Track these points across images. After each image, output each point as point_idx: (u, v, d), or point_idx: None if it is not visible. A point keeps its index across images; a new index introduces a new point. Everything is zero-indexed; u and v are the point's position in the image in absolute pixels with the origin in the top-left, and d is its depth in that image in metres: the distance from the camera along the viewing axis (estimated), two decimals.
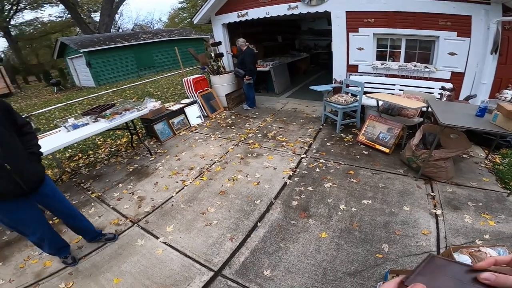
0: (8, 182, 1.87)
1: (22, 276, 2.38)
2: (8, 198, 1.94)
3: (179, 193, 3.29)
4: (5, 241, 2.84)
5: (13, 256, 2.63)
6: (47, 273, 2.37)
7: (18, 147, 1.97)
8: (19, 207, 2.03)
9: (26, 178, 1.97)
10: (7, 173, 1.85)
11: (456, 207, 2.65)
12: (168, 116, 5.02)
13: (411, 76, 4.53)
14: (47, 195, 2.20)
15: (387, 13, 4.33)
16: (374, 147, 3.80)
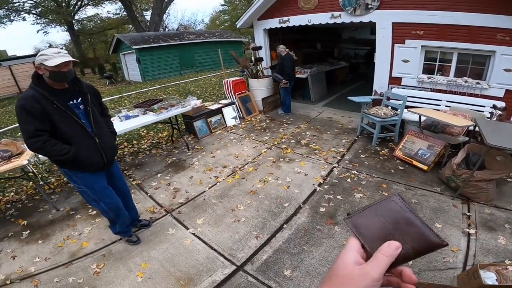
0: (97, 155, 2.18)
1: (58, 255, 2.58)
2: (94, 171, 2.23)
3: (212, 189, 3.47)
4: (49, 220, 3.13)
5: (54, 235, 2.87)
6: (82, 254, 2.56)
7: (104, 126, 2.30)
8: (100, 179, 2.32)
9: (108, 153, 2.27)
10: (97, 147, 2.17)
11: (492, 228, 2.53)
12: (207, 114, 5.29)
13: (460, 92, 4.28)
14: (113, 172, 2.49)
15: (439, 25, 4.15)
16: (411, 163, 3.66)
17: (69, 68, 1.95)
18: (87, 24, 28.07)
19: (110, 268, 2.36)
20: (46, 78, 1.94)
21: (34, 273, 2.38)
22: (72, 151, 2.02)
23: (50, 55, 1.86)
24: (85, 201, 3.37)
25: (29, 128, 1.89)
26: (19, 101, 1.89)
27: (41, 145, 1.93)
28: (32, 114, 1.87)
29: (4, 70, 14.89)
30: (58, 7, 23.24)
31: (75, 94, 2.10)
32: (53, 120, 1.95)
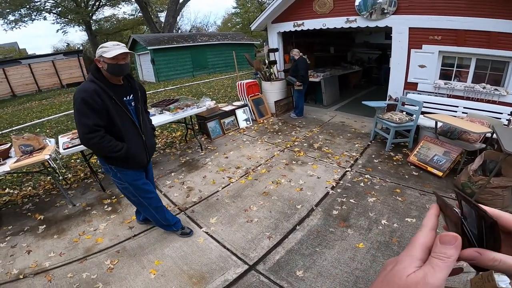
0: (143, 153, 2.24)
1: (73, 250, 2.61)
2: (139, 168, 2.29)
3: (225, 189, 3.51)
4: (65, 215, 3.19)
5: (70, 230, 2.92)
6: (97, 249, 2.59)
7: (148, 124, 2.35)
8: (142, 177, 2.36)
9: (150, 151, 2.33)
10: (144, 145, 2.22)
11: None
12: (221, 115, 5.35)
13: (477, 99, 4.20)
14: (149, 168, 2.54)
15: (457, 31, 4.09)
16: (425, 169, 3.62)
17: (126, 62, 1.98)
18: (104, 24, 28.81)
19: (123, 265, 2.40)
20: (104, 72, 1.96)
21: (48, 268, 2.42)
22: (124, 148, 2.04)
23: (109, 47, 1.90)
24: (101, 198, 3.49)
25: (88, 123, 1.87)
26: (79, 94, 1.86)
27: (98, 141, 1.91)
28: (93, 108, 1.86)
29: (24, 68, 15.43)
30: (77, 7, 23.95)
31: (128, 91, 2.13)
32: (111, 116, 1.95)
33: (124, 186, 2.32)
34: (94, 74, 1.95)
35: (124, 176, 2.24)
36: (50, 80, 16.44)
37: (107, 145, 1.96)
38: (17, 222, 3.14)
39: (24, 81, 15.50)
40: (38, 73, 15.82)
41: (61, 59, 16.94)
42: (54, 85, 16.60)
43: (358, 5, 4.92)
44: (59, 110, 9.57)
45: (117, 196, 3.50)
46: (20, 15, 22.56)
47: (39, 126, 7.25)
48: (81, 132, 1.92)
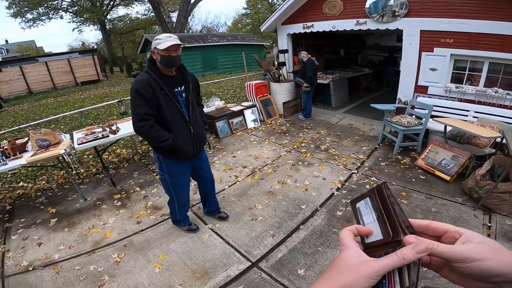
0: (190, 145, 2.29)
1: (82, 243, 2.68)
2: (184, 159, 2.34)
3: (231, 187, 3.57)
4: (77, 209, 3.30)
5: (80, 223, 3.02)
6: (105, 243, 2.67)
7: (198, 116, 2.40)
8: (183, 170, 2.44)
9: (198, 143, 2.37)
10: (191, 137, 2.27)
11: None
12: (229, 115, 5.43)
13: (489, 103, 4.13)
14: (203, 161, 2.60)
15: (470, 34, 4.03)
16: (433, 173, 3.58)
17: (178, 54, 2.05)
18: (117, 23, 29.45)
19: (130, 258, 2.47)
20: (158, 63, 2.05)
21: (57, 260, 2.49)
22: (171, 139, 2.12)
23: (163, 39, 1.98)
24: (111, 193, 3.60)
25: (139, 112, 1.99)
26: (135, 84, 1.99)
27: (147, 129, 2.02)
28: (145, 97, 1.97)
29: (40, 65, 15.91)
30: (93, 6, 24.60)
31: (180, 82, 2.20)
32: (160, 106, 2.05)
33: (164, 178, 2.43)
34: (149, 65, 2.07)
35: (167, 167, 2.34)
36: (65, 78, 16.90)
37: (155, 134, 2.05)
38: (30, 215, 3.26)
39: (40, 78, 15.98)
40: (54, 71, 16.28)
41: (76, 58, 17.39)
42: (69, 83, 17.05)
43: (369, 7, 4.90)
44: (74, 107, 9.85)
45: (127, 192, 3.60)
46: (38, 14, 23.35)
47: (54, 122, 7.48)
48: (134, 121, 2.05)
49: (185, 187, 2.53)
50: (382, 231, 0.40)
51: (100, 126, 3.77)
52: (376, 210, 0.42)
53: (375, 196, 0.43)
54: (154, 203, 3.31)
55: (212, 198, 2.86)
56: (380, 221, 0.41)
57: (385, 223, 0.40)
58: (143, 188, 3.68)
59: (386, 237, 0.39)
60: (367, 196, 0.45)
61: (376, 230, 0.41)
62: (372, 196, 0.44)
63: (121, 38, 31.43)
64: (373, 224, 0.42)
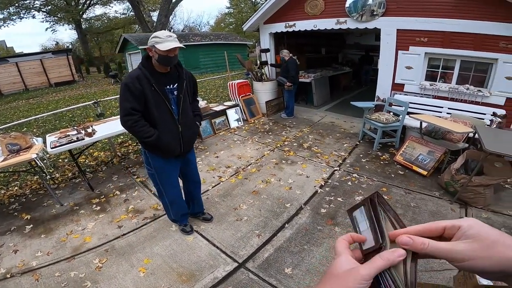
0: (176, 143, 2.24)
1: (61, 250, 2.59)
2: (170, 157, 2.31)
3: (215, 188, 3.52)
4: (53, 215, 3.16)
5: (57, 229, 2.90)
6: (85, 248, 2.59)
7: (190, 115, 2.35)
8: (171, 167, 2.39)
9: (186, 142, 2.33)
10: (178, 135, 2.23)
11: None
12: (211, 115, 5.36)
13: (461, 100, 4.34)
14: (191, 161, 2.56)
15: (444, 33, 4.21)
16: (411, 168, 3.71)
17: (175, 54, 2.03)
18: (94, 23, 28.40)
19: (112, 263, 2.40)
20: (154, 60, 2.03)
21: (35, 267, 2.40)
22: (155, 135, 2.09)
23: (163, 39, 1.94)
24: (89, 197, 3.46)
25: (126, 106, 1.99)
26: (125, 79, 2.01)
27: (132, 124, 2.03)
28: (132, 92, 1.97)
29: (11, 66, 15.07)
30: (68, 5, 23.55)
31: (174, 79, 2.16)
32: (147, 102, 2.04)
33: (151, 173, 2.41)
34: (143, 61, 2.07)
35: (153, 162, 2.32)
36: (38, 79, 16.11)
37: (139, 129, 2.06)
38: (4, 222, 3.09)
39: (11, 79, 15.15)
40: (25, 71, 15.48)
41: (50, 58, 16.61)
42: (42, 84, 16.27)
43: (349, 6, 5.00)
44: (47, 109, 9.40)
45: (106, 196, 3.48)
46: (8, 14, 22.06)
47: (26, 125, 7.11)
48: (120, 114, 2.06)
49: (174, 185, 2.49)
50: (374, 239, 0.42)
51: (75, 128, 3.60)
52: (368, 218, 0.44)
53: (368, 204, 0.45)
54: (135, 207, 3.21)
55: (197, 199, 2.82)
56: (371, 228, 0.43)
57: (375, 230, 0.42)
58: (123, 192, 3.56)
59: (375, 244, 0.41)
60: (361, 205, 0.46)
61: (369, 237, 0.43)
62: (365, 205, 0.46)
63: (98, 37, 30.35)
64: (367, 232, 0.44)
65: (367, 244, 0.43)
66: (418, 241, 0.37)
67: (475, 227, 0.36)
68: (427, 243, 0.36)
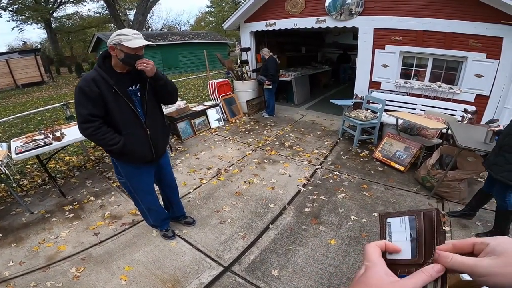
0: (146, 148, 2.08)
1: (34, 259, 2.46)
2: (140, 163, 2.14)
3: (196, 190, 3.43)
4: (22, 223, 2.98)
5: (28, 238, 2.74)
6: (60, 257, 2.46)
7: (159, 117, 2.17)
8: (143, 174, 2.23)
9: (158, 146, 2.16)
10: (147, 139, 2.06)
11: (465, 226, 2.70)
12: (191, 116, 5.23)
13: (434, 97, 4.52)
14: (164, 166, 2.40)
15: (416, 31, 4.36)
16: (389, 164, 3.82)
17: (142, 53, 1.88)
18: (65, 22, 26.98)
19: (91, 272, 2.30)
20: (115, 60, 1.86)
21: (8, 277, 2.27)
22: (121, 142, 1.92)
23: (130, 36, 1.78)
24: (61, 204, 3.26)
25: (82, 112, 1.81)
26: (79, 83, 1.82)
27: (92, 132, 1.85)
28: (89, 97, 1.79)
29: None
30: (37, 4, 22.19)
31: (135, 80, 1.98)
32: (108, 106, 1.86)
33: (123, 181, 2.30)
34: (99, 61, 1.88)
35: (123, 170, 2.18)
36: (3, 80, 15.07)
37: (102, 137, 1.88)
38: None
39: None
40: None
41: (16, 58, 15.57)
42: (8, 85, 15.24)
43: (328, 5, 5.06)
44: (13, 112, 8.79)
45: (80, 202, 3.30)
46: None
47: None
48: (78, 121, 1.88)
49: (149, 192, 2.35)
50: (414, 252, 0.41)
51: (42, 132, 3.37)
52: (416, 231, 0.43)
53: (421, 217, 0.43)
54: (112, 213, 3.06)
55: (176, 203, 2.71)
56: (415, 242, 0.42)
57: (421, 245, 0.41)
58: (98, 197, 3.38)
59: (418, 259, 0.41)
60: (407, 215, 0.45)
61: (406, 249, 0.42)
62: (416, 217, 0.44)
63: (69, 37, 28.87)
64: (403, 243, 0.43)
65: (398, 255, 0.42)
66: (443, 254, 0.38)
67: (503, 245, 0.36)
68: (450, 257, 0.37)
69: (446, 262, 0.37)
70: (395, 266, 0.41)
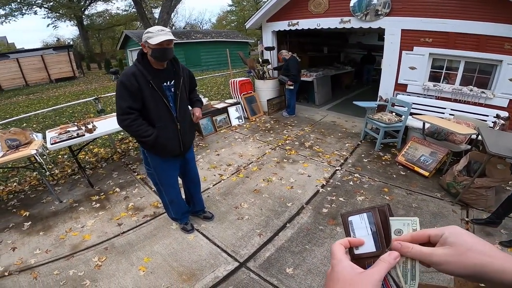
0: (175, 141, 2.20)
1: (60, 247, 2.57)
2: (169, 156, 2.27)
3: (216, 186, 3.50)
4: (52, 212, 3.14)
5: (56, 227, 2.87)
6: (84, 246, 2.56)
7: (188, 112, 2.30)
8: (170, 167, 2.36)
9: (186, 140, 2.28)
10: (177, 133, 2.19)
11: (489, 234, 2.59)
12: (213, 113, 5.33)
13: (464, 101, 4.31)
14: (189, 160, 2.51)
15: (448, 33, 4.18)
16: (413, 169, 3.69)
17: (170, 47, 1.98)
18: (96, 19, 28.29)
19: (112, 262, 2.37)
20: (149, 56, 1.99)
21: (33, 265, 2.37)
22: (154, 135, 2.05)
23: (154, 33, 1.90)
24: (89, 194, 3.43)
25: (122, 105, 1.95)
26: (120, 77, 1.96)
27: (129, 123, 1.98)
28: (129, 90, 1.92)
29: (11, 62, 15.04)
30: (70, 1, 23.49)
31: (170, 76, 2.11)
32: (145, 100, 1.99)
33: (150, 172, 2.39)
34: (138, 58, 2.02)
35: (152, 162, 2.29)
36: (38, 74, 16.08)
37: (137, 128, 2.01)
38: (2, 219, 3.06)
39: (11, 75, 15.13)
40: (26, 67, 15.45)
41: (51, 54, 16.56)
42: (43, 79, 16.24)
43: (353, 6, 4.96)
44: (47, 105, 9.36)
45: (106, 193, 3.45)
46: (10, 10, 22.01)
47: (26, 121, 7.07)
48: (117, 113, 2.01)
49: (173, 185, 2.45)
50: (377, 245, 0.45)
51: (75, 124, 3.57)
52: (375, 225, 0.47)
53: (376, 213, 0.48)
54: (135, 204, 3.19)
55: (197, 197, 2.79)
56: (376, 235, 0.46)
57: (382, 238, 0.45)
58: (123, 189, 3.54)
59: (381, 250, 0.45)
60: (364, 212, 0.49)
61: (369, 242, 0.46)
62: (372, 212, 0.48)
63: (99, 34, 30.22)
64: (366, 237, 0.47)
65: (363, 249, 0.46)
66: (404, 245, 0.43)
67: (454, 235, 0.40)
68: (410, 247, 0.42)
69: (407, 251, 0.42)
70: (363, 260, 0.45)
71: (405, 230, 0.46)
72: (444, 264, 0.39)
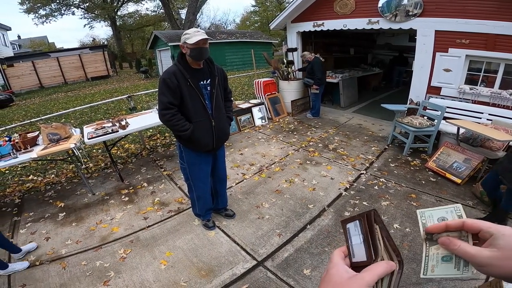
0: (209, 137, 2.34)
1: (90, 239, 2.69)
2: (202, 151, 2.41)
3: (238, 185, 3.56)
4: (85, 203, 3.32)
5: (88, 218, 3.02)
6: (112, 238, 2.67)
7: (223, 110, 2.45)
8: (202, 162, 2.49)
9: (219, 137, 2.42)
10: (211, 130, 2.33)
11: None
12: (237, 113, 5.42)
13: (504, 106, 4.02)
14: (219, 157, 2.64)
15: (487, 35, 3.91)
16: (444, 175, 3.51)
17: (206, 46, 2.14)
18: (127, 20, 29.74)
19: (136, 254, 2.47)
20: (187, 56, 2.15)
21: (64, 255, 2.50)
22: (190, 129, 2.20)
23: (191, 34, 2.07)
24: (119, 188, 3.62)
25: (164, 100, 2.12)
26: (163, 75, 2.14)
27: (169, 118, 2.15)
28: (169, 87, 2.09)
29: (52, 61, 16.20)
30: (104, 2, 24.94)
31: (206, 75, 2.26)
32: (183, 97, 2.16)
33: (183, 167, 2.52)
34: (178, 58, 2.19)
35: (187, 156, 2.43)
36: (76, 73, 17.18)
37: (176, 123, 2.17)
38: (39, 209, 3.28)
39: (52, 73, 16.28)
40: (65, 66, 16.56)
41: (87, 53, 17.65)
42: (80, 78, 17.32)
43: (382, 6, 4.81)
44: (84, 102, 9.99)
45: (134, 187, 3.63)
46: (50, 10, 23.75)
47: (64, 117, 7.59)
48: (158, 108, 2.20)
49: (203, 181, 2.54)
50: (366, 254, 0.45)
51: (110, 121, 3.80)
52: (363, 233, 0.46)
53: (364, 220, 0.47)
54: (161, 199, 3.32)
55: (222, 195, 2.85)
56: (365, 244, 0.45)
57: (369, 247, 0.45)
58: (150, 184, 3.70)
59: (368, 260, 0.44)
60: (357, 219, 0.48)
61: (361, 252, 0.46)
62: (361, 220, 0.47)
63: (130, 34, 31.71)
64: (359, 246, 0.46)
65: (358, 257, 0.46)
66: (453, 241, 0.42)
67: (505, 238, 0.39)
68: (458, 244, 0.41)
69: (454, 248, 0.41)
70: (358, 269, 0.44)
71: (450, 217, 0.45)
72: (487, 266, 0.38)
